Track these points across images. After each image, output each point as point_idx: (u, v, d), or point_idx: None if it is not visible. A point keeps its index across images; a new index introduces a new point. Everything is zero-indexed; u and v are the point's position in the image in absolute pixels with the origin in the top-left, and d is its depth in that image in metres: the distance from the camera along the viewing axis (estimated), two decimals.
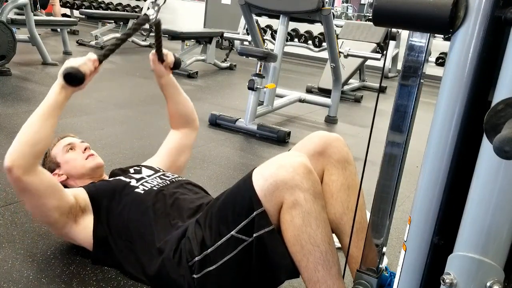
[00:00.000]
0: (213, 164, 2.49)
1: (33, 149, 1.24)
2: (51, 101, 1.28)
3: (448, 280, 0.73)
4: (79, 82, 1.27)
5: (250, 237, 1.14)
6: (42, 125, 1.26)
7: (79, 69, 1.26)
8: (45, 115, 1.27)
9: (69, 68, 1.26)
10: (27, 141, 1.24)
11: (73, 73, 1.26)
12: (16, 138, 1.24)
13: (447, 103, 0.78)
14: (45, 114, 1.27)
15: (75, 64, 1.27)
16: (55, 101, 1.28)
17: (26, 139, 1.24)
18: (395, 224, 1.91)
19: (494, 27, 0.73)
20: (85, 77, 1.28)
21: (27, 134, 1.25)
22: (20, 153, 1.22)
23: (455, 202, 0.79)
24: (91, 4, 8.94)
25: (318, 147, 1.32)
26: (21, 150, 1.23)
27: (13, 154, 1.22)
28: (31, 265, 1.39)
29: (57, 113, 1.29)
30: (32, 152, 1.24)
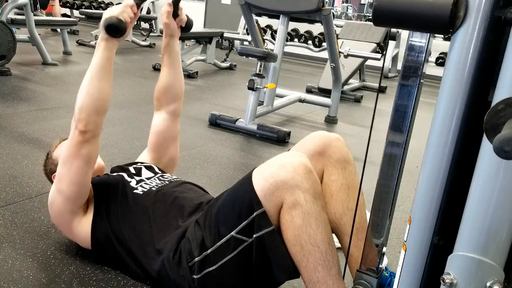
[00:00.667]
0: (213, 164, 2.49)
1: (100, 110, 1.28)
2: (100, 59, 1.28)
3: (448, 280, 0.73)
4: (122, 32, 1.25)
5: (250, 237, 1.14)
6: (101, 84, 1.28)
7: (120, 18, 1.24)
8: (100, 74, 1.28)
9: (109, 18, 1.23)
10: (93, 104, 1.26)
11: (115, 24, 1.23)
12: (80, 104, 1.26)
13: (447, 103, 0.78)
14: (99, 74, 1.28)
15: (115, 13, 1.24)
16: (104, 57, 1.28)
17: (92, 102, 1.26)
18: (395, 224, 1.91)
19: (494, 27, 0.73)
20: (127, 26, 1.25)
21: (90, 97, 1.26)
22: (90, 116, 1.26)
23: (455, 202, 0.79)
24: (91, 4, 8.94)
25: (318, 147, 1.32)
26: (90, 113, 1.26)
27: (84, 119, 1.25)
28: (31, 265, 1.39)
29: (109, 68, 1.29)
30: (99, 113, 1.28)
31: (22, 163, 2.15)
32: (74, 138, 1.27)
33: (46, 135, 2.60)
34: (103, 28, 1.25)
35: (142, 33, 7.64)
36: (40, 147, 2.39)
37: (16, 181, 1.96)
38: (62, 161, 1.33)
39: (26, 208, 1.73)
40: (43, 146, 2.36)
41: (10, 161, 2.16)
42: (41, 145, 2.42)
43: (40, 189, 1.91)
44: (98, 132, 1.30)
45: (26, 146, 2.38)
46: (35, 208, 1.75)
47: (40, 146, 2.41)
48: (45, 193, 1.86)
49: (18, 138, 2.48)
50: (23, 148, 2.34)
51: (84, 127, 1.26)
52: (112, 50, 1.29)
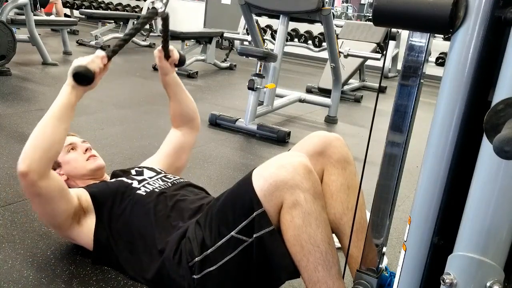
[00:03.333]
0: (213, 164, 2.49)
1: (48, 153, 1.22)
2: (62, 102, 1.26)
3: (448, 280, 0.73)
4: (89, 81, 1.25)
5: (250, 237, 1.14)
6: (56, 128, 1.24)
7: (88, 68, 1.24)
8: (58, 117, 1.25)
9: (78, 67, 1.24)
10: (41, 146, 1.22)
11: (82, 72, 1.24)
12: (29, 142, 1.22)
13: (447, 103, 0.78)
14: (57, 116, 1.25)
15: (84, 62, 1.25)
16: (67, 102, 1.26)
17: (40, 143, 1.22)
18: (395, 224, 1.91)
19: (494, 27, 0.73)
20: (95, 76, 1.26)
21: (40, 138, 1.23)
22: (34, 157, 1.20)
23: (455, 202, 0.79)
24: (91, 4, 8.94)
25: (317, 147, 1.32)
26: (35, 154, 1.20)
27: (27, 159, 1.20)
28: (31, 265, 1.39)
29: (69, 114, 1.27)
30: (46, 156, 1.22)
31: None
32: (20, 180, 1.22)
33: None
34: (70, 75, 1.25)
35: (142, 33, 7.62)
36: None
37: (16, 181, 1.96)
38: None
39: (26, 208, 1.73)
40: None
41: (10, 161, 2.16)
42: None
43: None
44: (43, 174, 1.21)
45: None
46: None
47: None
48: None
49: (18, 138, 2.48)
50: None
51: (26, 168, 1.18)
52: (77, 98, 1.28)
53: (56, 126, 1.24)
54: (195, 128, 1.76)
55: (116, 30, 7.01)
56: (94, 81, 1.27)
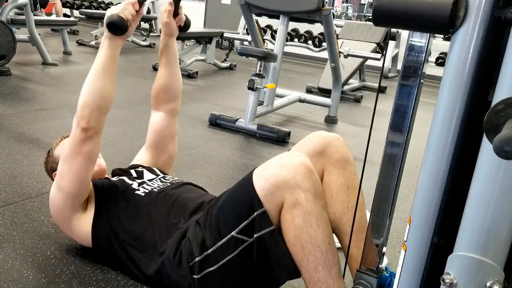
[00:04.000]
0: (213, 164, 2.49)
1: (103, 108, 1.29)
2: (103, 57, 1.28)
3: (448, 280, 0.73)
4: (123, 30, 1.26)
5: (250, 237, 1.14)
6: (104, 83, 1.28)
7: (121, 16, 1.24)
8: (103, 73, 1.28)
9: (111, 16, 1.24)
10: (96, 102, 1.27)
11: (116, 22, 1.24)
12: (82, 101, 1.27)
13: (447, 103, 0.78)
14: (102, 72, 1.28)
15: (116, 11, 1.25)
16: (108, 56, 1.28)
17: (94, 100, 1.27)
18: (395, 224, 1.91)
19: (494, 27, 0.73)
20: (129, 23, 1.26)
21: (92, 94, 1.27)
22: (92, 114, 1.26)
23: (455, 202, 0.79)
24: (91, 4, 8.94)
25: (317, 147, 1.32)
26: (92, 111, 1.26)
27: (86, 116, 1.26)
28: (31, 265, 1.39)
29: (113, 67, 1.29)
30: (102, 111, 1.29)
31: (22, 163, 2.15)
32: (76, 135, 1.28)
33: (46, 135, 2.60)
34: (105, 26, 1.27)
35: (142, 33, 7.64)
36: (40, 147, 2.39)
37: (16, 181, 1.96)
38: (64, 158, 1.33)
39: (26, 208, 1.73)
40: (43, 146, 2.36)
41: (10, 161, 2.16)
42: (41, 145, 2.42)
43: (40, 189, 1.91)
44: (100, 129, 1.31)
45: (26, 146, 2.38)
46: (35, 208, 1.75)
47: (40, 146, 2.41)
48: (45, 193, 1.86)
49: (18, 138, 2.48)
50: (23, 148, 2.34)
51: (86, 124, 1.26)
52: (116, 49, 1.30)
53: (103, 81, 1.28)
54: (175, 111, 1.68)
55: None
56: (129, 29, 1.27)
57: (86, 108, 1.26)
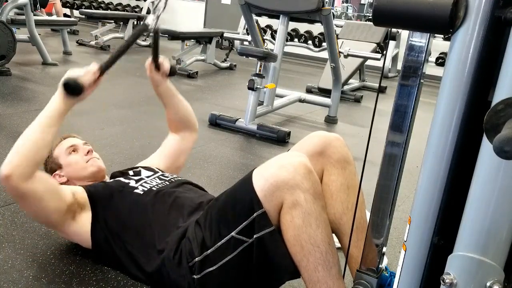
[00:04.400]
0: (213, 164, 2.49)
1: (33, 158, 1.24)
2: (51, 110, 1.28)
3: (448, 280, 0.72)
4: (78, 93, 1.28)
5: (250, 238, 1.14)
6: (43, 134, 1.26)
7: (79, 80, 1.27)
8: (46, 124, 1.27)
9: (69, 78, 1.27)
10: (28, 150, 1.24)
11: (72, 84, 1.27)
12: (16, 147, 1.24)
13: (447, 103, 0.78)
14: (45, 123, 1.27)
15: (75, 74, 1.28)
16: (56, 111, 1.29)
17: (27, 148, 1.24)
18: (395, 224, 1.91)
19: (494, 27, 0.73)
20: (84, 89, 1.29)
21: (27, 143, 1.25)
22: (19, 162, 1.22)
23: (455, 202, 0.79)
24: (91, 4, 8.94)
25: (317, 147, 1.32)
26: (20, 159, 1.22)
27: (12, 163, 1.21)
28: (31, 265, 1.39)
29: (57, 122, 1.29)
30: (32, 161, 1.24)
31: None
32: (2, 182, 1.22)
33: None
34: (61, 85, 1.28)
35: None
36: None
37: None
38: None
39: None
40: None
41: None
42: None
43: None
44: (27, 176, 1.22)
45: None
46: None
47: None
48: None
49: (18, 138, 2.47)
50: None
51: (8, 171, 1.20)
52: (65, 108, 1.30)
53: (43, 132, 1.26)
54: (194, 132, 1.76)
55: (116, 30, 7.01)
56: (84, 93, 1.30)
57: (18, 154, 1.23)
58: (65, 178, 1.53)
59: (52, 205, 1.30)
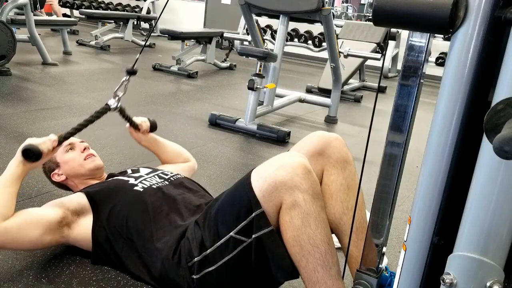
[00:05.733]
0: (213, 164, 2.49)
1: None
2: (8, 173, 1.34)
3: (448, 280, 0.72)
4: (35, 159, 1.33)
5: (249, 238, 1.14)
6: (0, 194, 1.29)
7: (38, 147, 1.33)
8: (2, 185, 1.31)
9: (28, 145, 1.34)
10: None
11: (30, 150, 1.33)
12: None
13: (447, 103, 0.78)
14: (2, 184, 1.31)
15: (35, 142, 1.33)
16: (13, 174, 1.33)
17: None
18: (395, 224, 1.91)
19: (494, 27, 0.73)
20: (42, 155, 1.33)
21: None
22: None
23: (455, 202, 0.79)
24: (91, 4, 8.94)
25: (317, 147, 1.32)
26: None
27: None
28: (31, 265, 1.39)
29: (15, 184, 1.33)
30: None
31: None
32: None
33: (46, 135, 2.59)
34: (20, 150, 1.33)
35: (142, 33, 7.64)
36: None
37: None
38: None
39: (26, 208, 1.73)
40: None
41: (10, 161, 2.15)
42: None
43: (40, 189, 1.91)
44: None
45: None
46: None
47: None
48: (45, 193, 1.86)
49: (18, 138, 2.48)
50: None
51: None
52: (23, 172, 1.35)
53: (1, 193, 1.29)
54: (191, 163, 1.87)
55: (116, 30, 7.01)
56: (41, 160, 1.34)
57: None
58: (63, 176, 1.53)
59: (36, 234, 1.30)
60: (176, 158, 1.84)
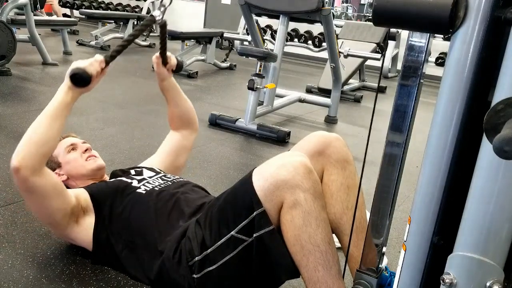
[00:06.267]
0: (213, 164, 2.49)
1: (41, 149, 1.23)
2: (58, 102, 1.28)
3: (448, 280, 0.73)
4: (85, 83, 1.27)
5: (250, 237, 1.14)
6: (50, 126, 1.26)
7: (86, 70, 1.26)
8: (53, 116, 1.26)
9: (76, 69, 1.26)
10: (36, 142, 1.23)
11: (79, 74, 1.25)
12: (24, 139, 1.24)
13: (447, 103, 0.78)
14: (52, 115, 1.27)
15: (82, 65, 1.27)
16: (62, 102, 1.28)
17: (34, 140, 1.23)
18: (395, 224, 1.91)
19: (494, 27, 0.73)
20: (92, 79, 1.27)
21: (35, 134, 1.24)
22: (28, 153, 1.21)
23: (455, 202, 0.79)
24: (91, 4, 8.94)
25: (317, 147, 1.32)
26: (29, 150, 1.22)
27: (21, 155, 1.21)
28: (31, 265, 1.39)
29: (64, 114, 1.28)
30: (40, 152, 1.23)
31: None
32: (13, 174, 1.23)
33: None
34: (68, 76, 1.28)
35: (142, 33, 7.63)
36: None
37: None
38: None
39: (26, 208, 1.73)
40: None
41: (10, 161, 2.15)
42: None
43: None
44: (36, 170, 1.22)
45: None
46: None
47: None
48: None
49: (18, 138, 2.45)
50: None
51: (18, 163, 1.20)
52: (72, 99, 1.29)
53: (50, 124, 1.26)
54: (194, 130, 1.77)
55: (116, 30, 7.02)
56: (91, 84, 1.28)
57: (25, 145, 1.22)
58: (65, 177, 1.53)
59: (56, 204, 1.31)
60: (183, 124, 1.73)
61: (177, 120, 1.74)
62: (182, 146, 1.75)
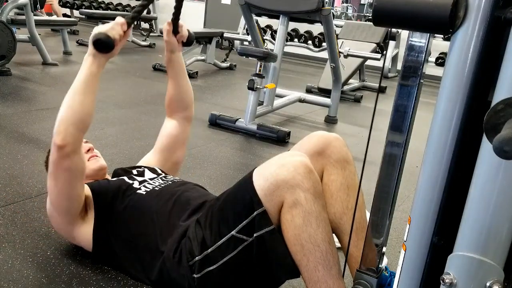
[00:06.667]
0: (213, 164, 2.49)
1: (80, 126, 1.24)
2: (85, 75, 1.26)
3: (448, 280, 0.73)
4: (109, 48, 1.25)
5: (250, 237, 1.14)
6: (84, 99, 1.25)
7: (108, 34, 1.23)
8: (83, 89, 1.25)
9: (98, 34, 1.23)
10: (72, 119, 1.23)
11: (102, 39, 1.23)
12: (60, 116, 1.23)
13: (447, 103, 0.78)
14: (82, 89, 1.25)
15: (104, 29, 1.24)
16: (90, 74, 1.26)
17: (71, 117, 1.23)
18: (395, 224, 1.91)
19: (494, 27, 0.73)
20: (115, 42, 1.25)
21: (70, 112, 1.23)
22: (68, 131, 1.22)
23: (455, 202, 0.79)
24: (91, 4, 8.94)
25: (317, 147, 1.32)
26: (68, 128, 1.22)
27: (62, 133, 1.21)
28: (31, 265, 1.39)
29: (94, 84, 1.27)
30: (78, 129, 1.24)
31: (22, 163, 2.15)
32: (53, 153, 1.24)
33: (46, 135, 2.60)
34: (91, 43, 1.25)
35: (142, 33, 7.64)
36: (40, 147, 2.39)
37: (16, 181, 1.96)
38: (49, 174, 1.31)
39: (26, 208, 1.73)
40: (43, 146, 2.36)
41: (10, 161, 2.16)
42: (41, 145, 2.42)
43: (40, 189, 1.91)
44: (77, 147, 1.25)
45: (26, 146, 2.38)
46: (35, 208, 1.75)
47: (40, 146, 2.41)
48: (45, 193, 1.86)
49: (18, 138, 2.48)
50: (23, 148, 2.33)
51: (62, 141, 1.21)
52: (99, 66, 1.27)
53: (83, 97, 1.25)
54: (189, 118, 1.72)
55: None
56: (115, 48, 1.26)
57: (63, 123, 1.22)
58: None
59: (81, 186, 1.33)
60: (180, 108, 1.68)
61: (174, 102, 1.68)
62: (177, 137, 1.70)
